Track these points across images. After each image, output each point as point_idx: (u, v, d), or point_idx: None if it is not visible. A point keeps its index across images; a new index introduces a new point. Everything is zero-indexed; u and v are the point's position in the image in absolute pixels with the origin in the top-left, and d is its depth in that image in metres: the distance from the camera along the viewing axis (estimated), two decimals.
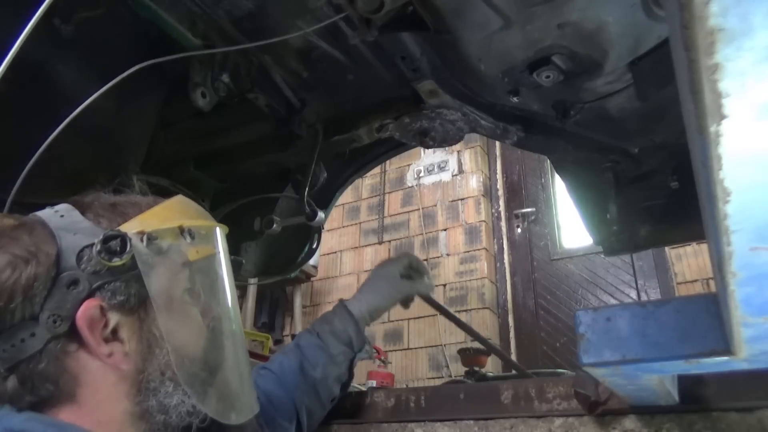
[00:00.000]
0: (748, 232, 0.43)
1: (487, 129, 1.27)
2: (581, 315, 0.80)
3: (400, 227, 4.30)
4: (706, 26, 0.31)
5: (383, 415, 1.39)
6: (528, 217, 4.08)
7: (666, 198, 1.43)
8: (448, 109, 1.23)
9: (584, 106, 1.17)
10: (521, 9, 0.94)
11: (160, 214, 0.76)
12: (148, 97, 1.31)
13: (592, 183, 1.43)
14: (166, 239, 0.73)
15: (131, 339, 0.70)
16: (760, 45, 0.31)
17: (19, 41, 0.68)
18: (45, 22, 0.71)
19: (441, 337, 3.71)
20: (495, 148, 4.37)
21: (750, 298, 0.52)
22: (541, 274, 3.87)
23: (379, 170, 4.51)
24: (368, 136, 1.37)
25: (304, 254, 1.65)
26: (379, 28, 0.95)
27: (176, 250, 0.74)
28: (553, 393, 1.20)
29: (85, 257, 0.67)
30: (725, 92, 0.34)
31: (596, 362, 0.76)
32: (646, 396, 0.97)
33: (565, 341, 3.54)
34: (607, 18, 0.94)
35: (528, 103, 1.19)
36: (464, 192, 4.14)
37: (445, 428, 1.28)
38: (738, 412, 1.00)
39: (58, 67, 1.05)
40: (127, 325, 0.70)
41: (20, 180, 0.90)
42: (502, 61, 1.06)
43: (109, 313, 0.68)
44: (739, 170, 0.38)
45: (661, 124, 1.19)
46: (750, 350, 0.64)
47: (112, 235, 0.68)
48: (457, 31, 1.02)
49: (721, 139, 0.36)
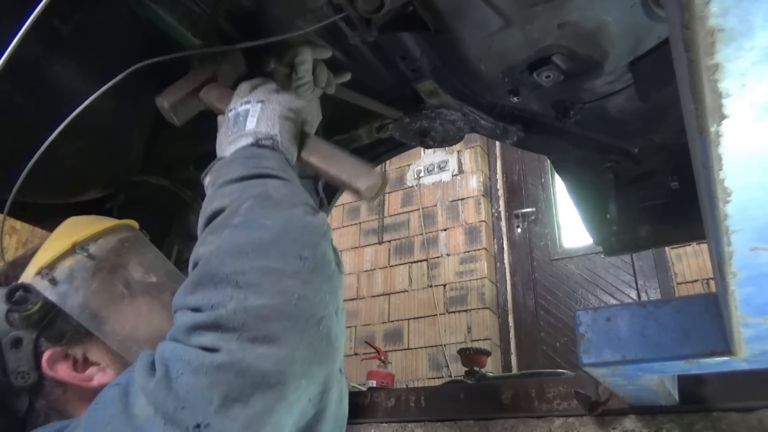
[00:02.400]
0: (748, 232, 0.43)
1: (487, 129, 1.27)
2: (581, 315, 0.80)
3: (400, 227, 4.30)
4: (706, 26, 0.31)
5: (383, 415, 1.40)
6: (528, 217, 4.08)
7: (666, 198, 1.43)
8: (448, 109, 1.23)
9: (584, 106, 1.17)
10: (521, 9, 0.94)
11: (51, 245, 0.78)
12: (148, 97, 1.31)
13: (592, 183, 1.43)
14: (64, 264, 0.76)
15: (103, 354, 0.74)
16: (760, 45, 0.31)
17: (16, 40, 0.68)
18: (44, 21, 0.71)
19: (441, 337, 3.71)
20: (495, 148, 4.37)
21: (750, 298, 0.52)
22: (541, 274, 3.87)
23: (379, 170, 4.51)
24: (368, 136, 1.37)
25: None
26: (379, 28, 0.95)
27: (78, 267, 0.77)
28: (553, 393, 1.20)
29: (12, 317, 0.72)
30: (725, 92, 0.34)
31: (596, 362, 0.76)
32: (646, 396, 0.98)
33: (565, 341, 3.54)
34: (607, 18, 0.94)
35: (528, 103, 1.19)
36: (464, 192, 4.14)
37: (445, 428, 1.28)
38: (738, 412, 1.00)
39: (57, 66, 1.05)
40: (92, 347, 0.75)
41: (20, 180, 0.90)
42: (502, 61, 1.06)
43: (70, 350, 0.73)
44: (739, 170, 0.38)
45: (661, 124, 1.19)
46: (750, 350, 0.64)
47: (12, 288, 0.72)
48: (457, 31, 1.02)
49: (722, 140, 0.36)
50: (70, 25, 1.01)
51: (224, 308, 0.55)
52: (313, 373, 0.57)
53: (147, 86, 1.28)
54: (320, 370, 0.58)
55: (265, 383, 0.52)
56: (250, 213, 0.65)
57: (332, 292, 0.62)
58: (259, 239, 0.62)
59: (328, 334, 0.58)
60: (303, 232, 0.65)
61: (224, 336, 0.54)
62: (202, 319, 0.56)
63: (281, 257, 0.61)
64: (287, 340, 0.55)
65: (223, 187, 0.71)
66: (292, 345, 0.55)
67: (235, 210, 0.66)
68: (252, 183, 0.70)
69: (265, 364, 0.53)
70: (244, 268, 0.58)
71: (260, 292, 0.57)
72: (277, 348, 0.54)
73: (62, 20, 1.00)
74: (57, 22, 0.99)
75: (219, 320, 0.55)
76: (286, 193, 0.70)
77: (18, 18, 0.71)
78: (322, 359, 0.58)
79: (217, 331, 0.54)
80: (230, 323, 0.54)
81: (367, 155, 1.52)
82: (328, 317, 0.59)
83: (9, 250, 3.34)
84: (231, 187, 0.70)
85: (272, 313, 0.56)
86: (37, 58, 1.00)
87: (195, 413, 0.50)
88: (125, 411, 0.53)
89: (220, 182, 0.72)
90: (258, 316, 0.55)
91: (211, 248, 0.62)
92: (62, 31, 1.01)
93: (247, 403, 0.51)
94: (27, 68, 0.98)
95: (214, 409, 0.50)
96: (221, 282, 0.58)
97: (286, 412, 0.54)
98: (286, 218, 0.66)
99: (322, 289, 0.61)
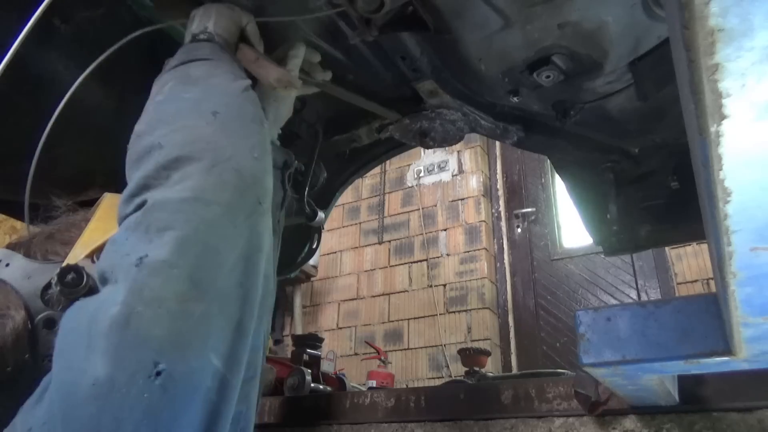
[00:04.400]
0: (748, 232, 0.43)
1: (487, 129, 1.27)
2: (581, 315, 0.80)
3: (400, 227, 4.30)
4: (706, 26, 0.31)
5: (383, 415, 1.40)
6: (528, 217, 4.08)
7: (666, 198, 1.43)
8: (448, 109, 1.23)
9: (584, 106, 1.17)
10: (521, 9, 0.94)
11: (99, 227, 0.78)
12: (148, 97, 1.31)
13: (592, 183, 1.43)
14: None
15: None
16: (760, 45, 0.31)
17: (18, 41, 0.68)
18: (45, 21, 0.71)
19: (441, 337, 3.71)
20: (495, 148, 4.37)
21: (750, 298, 0.52)
22: (541, 274, 3.87)
23: (379, 170, 4.51)
24: (368, 136, 1.37)
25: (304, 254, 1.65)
26: (379, 28, 0.95)
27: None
28: (553, 393, 1.20)
29: (49, 296, 0.70)
30: (725, 92, 0.34)
31: (596, 362, 0.76)
32: (647, 396, 0.98)
33: (565, 341, 3.53)
34: (607, 18, 0.94)
35: (528, 103, 1.19)
36: (464, 192, 4.14)
37: (445, 428, 1.28)
38: (738, 412, 1.00)
39: (58, 67, 1.05)
40: None
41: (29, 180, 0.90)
42: (502, 61, 1.06)
43: None
44: (739, 170, 0.38)
45: (661, 124, 1.19)
46: (750, 350, 0.64)
47: (67, 269, 0.71)
48: (458, 31, 1.02)
49: (722, 139, 0.36)
50: (70, 25, 1.01)
51: (147, 169, 0.65)
52: (227, 200, 0.64)
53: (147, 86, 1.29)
54: (234, 198, 0.65)
55: (183, 209, 0.61)
56: (172, 90, 0.77)
57: (245, 137, 0.72)
58: (178, 108, 0.74)
59: (237, 169, 0.67)
60: (219, 95, 0.76)
61: (151, 191, 0.63)
62: (132, 186, 0.65)
63: (196, 116, 0.72)
64: (200, 176, 0.64)
65: (156, 81, 0.82)
66: (202, 178, 0.64)
67: (159, 90, 0.78)
68: (177, 69, 0.82)
69: (182, 194, 0.62)
70: (165, 132, 0.69)
71: (175, 146, 0.67)
72: (190, 182, 0.63)
73: (62, 20, 1.00)
74: (57, 22, 0.99)
75: (144, 180, 0.64)
76: (206, 69, 0.81)
77: (18, 18, 0.71)
78: (235, 188, 0.66)
79: (146, 190, 0.64)
80: (153, 179, 0.64)
81: (367, 155, 1.53)
82: (237, 156, 0.69)
83: None
84: (162, 77, 0.82)
85: (185, 160, 0.65)
86: (37, 58, 1.00)
87: (137, 253, 0.57)
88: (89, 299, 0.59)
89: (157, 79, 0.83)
90: (174, 166, 0.65)
91: (139, 127, 0.73)
92: (63, 32, 1.01)
93: (174, 227, 0.59)
94: (27, 68, 0.98)
95: (152, 243, 0.57)
96: (151, 150, 0.67)
97: (209, 231, 0.61)
98: (202, 88, 0.77)
99: (232, 135, 0.71)
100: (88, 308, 0.56)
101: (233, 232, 0.63)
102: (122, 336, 0.51)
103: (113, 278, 0.57)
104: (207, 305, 0.56)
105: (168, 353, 0.52)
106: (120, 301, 0.53)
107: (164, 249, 0.57)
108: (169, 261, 0.56)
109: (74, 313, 0.57)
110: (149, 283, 0.54)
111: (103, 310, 0.53)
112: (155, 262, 0.56)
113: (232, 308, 0.59)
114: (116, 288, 0.55)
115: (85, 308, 0.57)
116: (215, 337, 0.56)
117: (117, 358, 0.50)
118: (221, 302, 0.58)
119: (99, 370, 0.49)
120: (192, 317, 0.55)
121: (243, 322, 0.60)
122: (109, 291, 0.56)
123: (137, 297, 0.53)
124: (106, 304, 0.54)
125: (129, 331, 0.51)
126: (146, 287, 0.54)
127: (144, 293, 0.54)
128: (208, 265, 0.59)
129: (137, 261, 0.56)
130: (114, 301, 0.53)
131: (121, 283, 0.55)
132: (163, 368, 0.50)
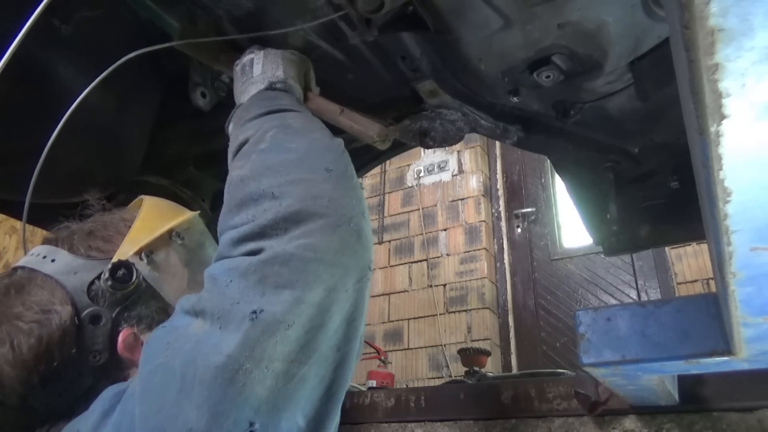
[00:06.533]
0: (748, 232, 0.43)
1: (487, 129, 1.27)
2: (581, 315, 0.80)
3: (400, 227, 4.30)
4: (706, 26, 0.31)
5: (383, 415, 1.40)
6: (528, 217, 4.08)
7: (666, 198, 1.43)
8: (448, 109, 1.23)
9: (584, 106, 1.17)
10: (521, 9, 0.94)
11: (145, 226, 0.78)
12: (148, 97, 1.31)
13: (592, 183, 1.43)
14: (161, 249, 0.77)
15: None
16: (760, 45, 0.31)
17: (17, 41, 0.68)
18: (44, 21, 0.71)
19: (441, 337, 3.71)
20: (495, 148, 4.37)
21: (750, 298, 0.52)
22: (541, 274, 3.87)
23: (379, 170, 4.51)
24: None
25: None
26: (379, 28, 0.95)
27: (173, 254, 0.79)
28: (553, 393, 1.20)
29: (95, 292, 0.70)
30: (725, 92, 0.34)
31: (596, 362, 0.76)
32: (646, 396, 0.98)
33: (565, 341, 3.53)
34: (607, 18, 0.94)
35: (528, 103, 1.19)
36: (464, 192, 4.14)
37: (445, 428, 1.29)
38: (738, 412, 1.00)
39: (58, 67, 1.05)
40: None
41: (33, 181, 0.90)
42: (502, 61, 1.06)
43: (143, 336, 0.72)
44: (739, 170, 0.38)
45: (661, 124, 1.19)
46: (750, 350, 0.64)
47: (118, 265, 0.71)
48: (458, 31, 1.02)
49: (722, 139, 0.36)
50: (70, 25, 1.01)
51: (264, 218, 0.61)
52: (347, 264, 0.61)
53: (147, 86, 1.29)
54: (352, 262, 0.62)
55: (306, 269, 0.58)
56: (275, 139, 0.72)
57: (358, 198, 0.68)
58: (287, 159, 0.69)
59: (358, 231, 0.64)
60: (325, 151, 0.73)
61: (267, 240, 0.60)
62: (245, 230, 0.61)
63: (309, 170, 0.67)
64: (323, 235, 0.61)
65: (245, 124, 0.78)
66: (327, 238, 0.61)
67: (261, 137, 0.73)
68: (272, 116, 0.78)
69: (305, 253, 0.58)
70: (278, 182, 0.65)
71: (295, 199, 0.63)
72: (314, 240, 0.60)
73: (62, 20, 1.00)
74: (57, 22, 0.99)
75: (260, 228, 0.61)
76: (303, 122, 0.79)
77: (18, 18, 0.71)
78: (354, 252, 0.63)
79: (260, 238, 0.60)
80: (271, 229, 0.60)
81: (367, 155, 1.52)
82: (357, 217, 0.65)
83: (9, 250, 3.34)
84: (253, 122, 0.77)
85: (307, 215, 0.61)
86: (37, 59, 1.00)
87: (250, 304, 0.54)
88: (178, 331, 0.56)
89: (242, 122, 0.79)
90: (295, 219, 0.61)
91: (243, 172, 0.69)
92: (63, 32, 1.01)
93: (294, 287, 0.56)
94: (27, 68, 0.98)
95: (266, 297, 0.55)
96: (259, 198, 0.64)
97: (326, 294, 0.58)
98: (307, 141, 0.73)
99: (349, 194, 0.67)
100: (181, 345, 0.54)
101: (344, 297, 0.61)
102: (225, 391, 0.50)
103: (216, 321, 0.55)
104: (308, 367, 0.55)
105: (264, 414, 0.51)
106: (228, 354, 0.52)
107: (280, 307, 0.55)
108: (286, 322, 0.54)
109: (159, 346, 0.56)
110: (262, 342, 0.53)
111: (203, 355, 0.52)
112: (271, 320, 0.54)
113: (326, 371, 0.58)
114: (222, 335, 0.53)
115: (175, 343, 0.55)
116: (306, 398, 0.55)
117: (216, 414, 0.49)
118: (319, 364, 0.57)
119: (193, 422, 0.49)
120: (293, 379, 0.54)
121: (334, 385, 0.59)
122: (210, 334, 0.54)
123: (248, 353, 0.52)
124: (206, 348, 0.53)
125: (233, 388, 0.50)
126: (259, 345, 0.53)
127: (255, 351, 0.52)
128: (317, 328, 0.57)
129: (251, 315, 0.54)
130: (218, 350, 0.52)
131: (232, 333, 0.53)
132: (257, 428, 0.50)
